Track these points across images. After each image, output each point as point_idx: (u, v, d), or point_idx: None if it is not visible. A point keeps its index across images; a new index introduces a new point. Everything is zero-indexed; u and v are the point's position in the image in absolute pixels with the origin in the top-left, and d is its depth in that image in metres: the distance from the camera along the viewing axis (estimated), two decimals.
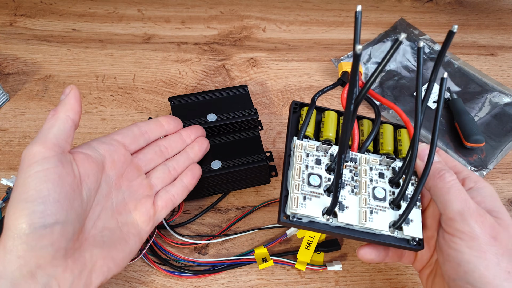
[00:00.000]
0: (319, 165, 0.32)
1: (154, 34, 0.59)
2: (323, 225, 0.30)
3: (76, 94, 0.30)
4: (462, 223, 0.28)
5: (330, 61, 0.57)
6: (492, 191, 0.31)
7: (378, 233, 0.31)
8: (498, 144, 0.49)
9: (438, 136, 0.30)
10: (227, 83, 0.54)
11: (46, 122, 0.29)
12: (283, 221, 0.30)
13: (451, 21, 0.64)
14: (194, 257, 0.40)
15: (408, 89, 0.54)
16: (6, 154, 0.46)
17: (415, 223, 0.31)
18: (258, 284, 0.39)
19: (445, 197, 0.29)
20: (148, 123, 0.37)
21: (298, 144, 0.32)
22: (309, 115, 0.34)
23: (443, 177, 0.30)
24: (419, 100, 0.30)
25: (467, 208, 0.28)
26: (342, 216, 0.30)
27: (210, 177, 0.40)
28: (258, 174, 0.42)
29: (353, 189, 0.32)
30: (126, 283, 0.38)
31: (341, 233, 0.31)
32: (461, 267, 0.27)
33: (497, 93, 0.54)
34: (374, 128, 0.34)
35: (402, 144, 0.35)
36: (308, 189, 0.31)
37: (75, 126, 0.30)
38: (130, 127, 0.36)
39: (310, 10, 0.65)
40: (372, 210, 0.31)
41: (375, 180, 0.32)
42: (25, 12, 0.60)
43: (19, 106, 0.50)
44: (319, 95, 0.35)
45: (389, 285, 0.39)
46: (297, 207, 0.30)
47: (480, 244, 0.27)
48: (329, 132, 0.34)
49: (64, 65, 0.55)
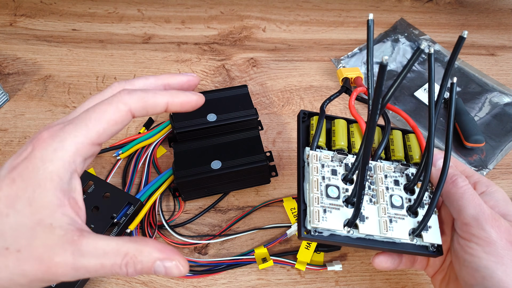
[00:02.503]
0: (335, 176, 0.31)
1: (154, 34, 0.59)
2: (344, 237, 0.30)
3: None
4: (477, 228, 0.27)
5: (330, 61, 0.57)
6: (504, 195, 0.30)
7: (398, 241, 0.31)
8: (498, 144, 0.49)
9: (452, 145, 0.30)
10: (227, 83, 0.54)
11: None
12: (304, 236, 0.29)
13: (451, 21, 0.64)
14: (194, 257, 0.40)
15: (408, 89, 0.54)
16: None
17: (433, 229, 0.31)
18: (258, 284, 0.39)
19: (459, 202, 0.29)
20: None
21: (313, 155, 0.32)
22: (320, 124, 0.33)
23: (456, 183, 0.30)
24: (432, 110, 0.30)
25: (482, 213, 0.28)
26: (363, 227, 0.30)
27: (210, 177, 0.40)
28: (258, 174, 0.42)
29: (371, 198, 0.31)
30: (126, 283, 0.38)
31: (362, 244, 0.30)
32: (479, 273, 0.27)
33: (497, 93, 0.54)
34: (385, 136, 0.33)
35: (412, 149, 0.35)
36: (327, 202, 0.30)
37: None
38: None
39: (310, 10, 0.65)
40: (391, 219, 0.31)
41: (391, 188, 0.32)
42: (25, 12, 0.60)
43: (19, 106, 0.50)
44: (327, 103, 0.34)
45: (389, 285, 0.39)
46: (318, 221, 0.29)
47: (497, 249, 0.27)
48: (341, 141, 0.33)
49: (64, 65, 0.55)
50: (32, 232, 0.21)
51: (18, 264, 0.20)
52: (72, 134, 0.22)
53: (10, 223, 0.21)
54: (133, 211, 0.40)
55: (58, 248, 0.21)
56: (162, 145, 0.47)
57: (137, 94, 0.25)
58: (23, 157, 0.22)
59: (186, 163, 0.41)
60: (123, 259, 0.22)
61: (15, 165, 0.22)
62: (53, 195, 0.21)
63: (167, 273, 0.23)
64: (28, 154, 0.22)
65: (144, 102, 0.25)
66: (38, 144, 0.22)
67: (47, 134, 0.22)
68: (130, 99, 0.24)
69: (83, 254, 0.21)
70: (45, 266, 0.21)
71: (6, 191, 0.21)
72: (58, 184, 0.22)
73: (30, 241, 0.21)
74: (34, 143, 0.22)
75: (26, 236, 0.21)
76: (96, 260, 0.21)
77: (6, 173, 0.22)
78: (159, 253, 0.23)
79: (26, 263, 0.20)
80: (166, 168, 0.45)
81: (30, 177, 0.21)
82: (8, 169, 0.22)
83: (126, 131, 0.49)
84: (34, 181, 0.21)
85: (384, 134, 0.34)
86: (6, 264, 0.20)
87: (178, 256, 0.23)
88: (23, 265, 0.20)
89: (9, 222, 0.21)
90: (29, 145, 0.22)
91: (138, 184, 0.44)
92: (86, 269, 0.21)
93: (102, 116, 0.23)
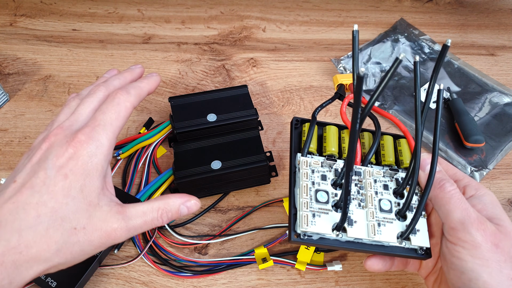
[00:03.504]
0: (325, 181, 0.32)
1: (154, 34, 0.59)
2: (333, 241, 0.31)
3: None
4: (463, 232, 0.28)
5: (330, 61, 0.57)
6: (492, 198, 0.31)
7: (386, 244, 0.31)
8: (498, 144, 0.49)
9: (438, 147, 0.31)
10: (227, 83, 0.54)
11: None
12: (294, 240, 0.30)
13: (451, 21, 0.64)
14: (194, 257, 0.40)
15: (408, 89, 0.54)
16: (6, 154, 0.46)
17: (422, 232, 0.31)
18: (258, 284, 0.39)
19: (446, 207, 0.29)
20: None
21: (303, 161, 0.33)
22: (311, 131, 0.34)
23: (443, 187, 0.30)
24: (419, 116, 0.31)
25: (468, 217, 0.28)
26: (351, 230, 0.30)
27: (210, 177, 0.40)
28: (258, 174, 0.42)
29: (360, 203, 0.32)
30: (126, 283, 0.38)
31: (351, 247, 0.31)
32: (465, 275, 0.28)
33: (497, 93, 0.54)
34: (375, 141, 0.34)
35: (403, 154, 0.35)
36: (317, 206, 0.31)
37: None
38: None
39: (310, 10, 0.65)
40: (379, 222, 0.31)
41: (380, 192, 0.33)
42: (25, 12, 0.60)
43: (19, 106, 0.50)
44: (319, 110, 0.35)
45: (389, 285, 0.39)
46: (307, 225, 0.30)
47: (482, 252, 0.27)
48: (332, 147, 0.34)
49: (64, 65, 0.55)
50: (87, 212, 0.27)
51: (87, 237, 0.26)
52: (104, 133, 0.28)
53: (71, 209, 0.26)
54: None
55: (112, 218, 0.27)
56: (162, 145, 0.47)
57: (133, 91, 0.31)
58: (67, 157, 0.27)
59: (186, 163, 0.41)
60: (157, 212, 0.29)
61: (62, 164, 0.27)
62: (98, 181, 0.27)
63: (189, 211, 0.30)
64: (72, 154, 0.27)
65: (139, 96, 0.32)
66: (79, 145, 0.27)
67: (83, 137, 0.27)
68: (130, 97, 0.31)
69: (130, 218, 0.28)
70: (107, 233, 0.27)
71: (61, 185, 0.26)
72: (101, 172, 0.28)
73: (89, 219, 0.26)
74: (74, 145, 0.27)
75: (85, 216, 0.26)
76: (140, 219, 0.28)
77: (55, 172, 0.26)
78: (180, 199, 0.30)
79: (92, 235, 0.26)
80: (166, 168, 0.45)
81: (80, 170, 0.27)
82: (56, 169, 0.26)
83: (126, 131, 0.49)
84: (84, 173, 0.27)
85: (375, 139, 0.34)
86: (77, 239, 0.26)
87: (193, 197, 0.31)
88: (90, 237, 0.26)
89: (69, 208, 0.26)
90: (67, 147, 0.27)
91: (138, 184, 0.44)
92: (135, 228, 0.28)
93: (119, 115, 0.30)
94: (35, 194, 0.25)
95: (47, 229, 0.25)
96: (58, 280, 0.35)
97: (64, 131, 0.28)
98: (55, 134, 0.28)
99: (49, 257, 0.25)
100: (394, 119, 0.35)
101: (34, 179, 0.26)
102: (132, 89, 0.31)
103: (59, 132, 0.28)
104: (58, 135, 0.28)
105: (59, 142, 0.28)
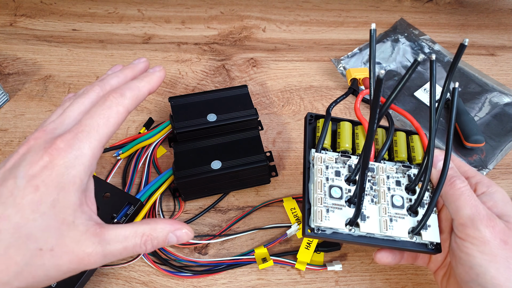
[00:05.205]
0: (338, 177, 0.33)
1: (154, 34, 0.59)
2: (346, 235, 0.31)
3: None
4: (472, 228, 0.28)
5: (330, 61, 0.57)
6: (504, 196, 0.31)
7: (397, 239, 0.32)
8: (498, 144, 0.50)
9: (452, 146, 0.31)
10: (227, 83, 0.54)
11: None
12: (308, 234, 0.31)
13: (451, 21, 0.64)
14: (194, 257, 0.40)
15: (408, 89, 0.54)
16: (6, 154, 0.46)
17: (432, 228, 0.32)
18: (258, 284, 0.39)
19: (456, 203, 0.30)
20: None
21: (318, 157, 0.33)
22: (326, 127, 0.34)
23: (454, 184, 0.31)
24: (433, 114, 0.31)
25: (477, 213, 0.29)
26: (364, 226, 0.31)
27: (210, 177, 0.40)
28: (258, 174, 0.42)
29: (373, 198, 0.33)
30: (126, 283, 0.38)
31: (363, 242, 0.31)
32: (473, 270, 0.28)
33: (497, 93, 0.54)
34: (388, 137, 0.34)
35: (415, 150, 0.35)
36: (330, 202, 0.31)
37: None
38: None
39: (310, 10, 0.65)
40: (391, 218, 0.32)
41: (392, 188, 0.33)
42: (25, 12, 0.60)
43: (19, 106, 0.50)
44: (333, 105, 0.35)
45: (389, 285, 0.39)
46: (321, 220, 0.30)
47: (491, 248, 0.28)
48: (346, 143, 0.35)
49: (64, 65, 0.55)
50: (58, 231, 0.23)
51: (53, 261, 0.23)
52: (87, 141, 0.24)
53: (39, 226, 0.22)
54: (133, 211, 0.40)
55: (86, 241, 0.23)
56: (162, 145, 0.47)
57: (128, 94, 0.27)
58: (42, 166, 0.23)
59: (186, 163, 0.41)
60: (141, 239, 0.25)
61: (34, 173, 0.23)
62: (74, 196, 0.24)
63: (178, 241, 0.27)
64: (47, 163, 0.23)
65: (135, 99, 0.27)
66: (56, 153, 0.23)
67: (62, 144, 0.24)
68: (124, 100, 0.27)
69: (108, 242, 0.24)
70: (78, 258, 0.23)
71: (30, 198, 0.22)
72: (79, 186, 0.24)
73: (59, 239, 0.23)
74: (50, 152, 0.23)
75: (55, 236, 0.23)
76: (120, 244, 0.25)
77: (25, 183, 0.23)
78: (170, 226, 0.26)
79: (60, 259, 0.23)
80: (166, 168, 0.45)
81: (54, 182, 0.23)
82: (27, 178, 0.23)
83: (126, 131, 0.49)
84: (58, 185, 0.23)
85: (388, 135, 0.34)
86: (42, 263, 0.22)
87: (185, 225, 0.27)
88: (58, 261, 0.23)
89: (37, 225, 0.22)
90: (43, 154, 0.23)
91: (138, 184, 0.44)
92: (113, 254, 0.24)
93: (108, 121, 0.25)
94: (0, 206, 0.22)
95: (7, 247, 0.22)
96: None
97: (46, 135, 0.24)
98: (35, 138, 0.24)
99: (7, 281, 0.22)
100: (407, 115, 0.35)
101: (1, 188, 0.23)
102: (128, 90, 0.27)
103: (41, 136, 0.24)
104: (38, 139, 0.24)
105: (37, 147, 0.24)
